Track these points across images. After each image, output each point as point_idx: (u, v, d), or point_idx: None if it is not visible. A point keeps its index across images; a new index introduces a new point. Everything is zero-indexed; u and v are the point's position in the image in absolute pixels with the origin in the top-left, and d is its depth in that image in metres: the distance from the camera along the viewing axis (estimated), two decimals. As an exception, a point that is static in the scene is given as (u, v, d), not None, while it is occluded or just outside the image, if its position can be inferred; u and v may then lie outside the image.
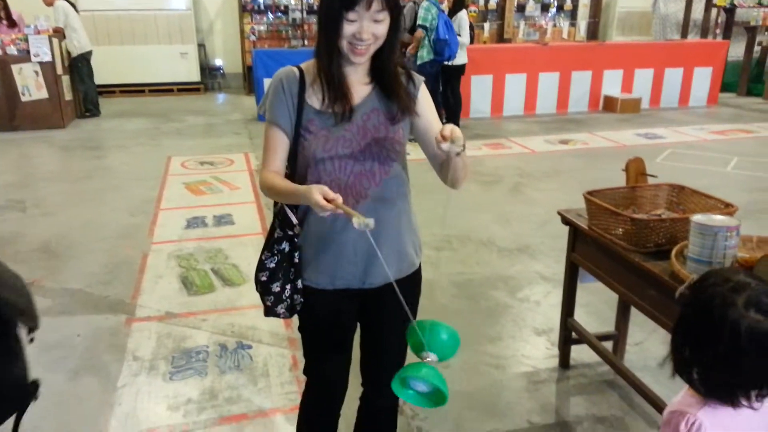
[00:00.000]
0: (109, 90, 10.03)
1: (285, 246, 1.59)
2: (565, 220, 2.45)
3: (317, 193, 1.34)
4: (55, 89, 7.70)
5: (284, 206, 1.58)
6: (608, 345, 2.70)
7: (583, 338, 2.55)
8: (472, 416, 2.37)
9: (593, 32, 12.20)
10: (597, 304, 3.17)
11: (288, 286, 1.60)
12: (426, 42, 6.91)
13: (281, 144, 1.55)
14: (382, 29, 1.46)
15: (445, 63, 7.11)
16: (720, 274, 1.17)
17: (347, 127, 1.52)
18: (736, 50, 10.52)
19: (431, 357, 1.37)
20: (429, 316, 1.59)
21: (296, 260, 1.60)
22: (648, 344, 2.89)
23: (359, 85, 1.56)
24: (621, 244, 2.09)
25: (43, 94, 7.64)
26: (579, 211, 2.44)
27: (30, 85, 7.58)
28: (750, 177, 5.71)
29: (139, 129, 7.89)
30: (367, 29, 1.43)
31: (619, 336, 2.69)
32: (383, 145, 1.55)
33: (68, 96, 8.16)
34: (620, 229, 2.10)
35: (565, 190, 5.28)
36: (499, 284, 3.48)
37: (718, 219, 1.75)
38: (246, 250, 3.97)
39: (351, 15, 1.42)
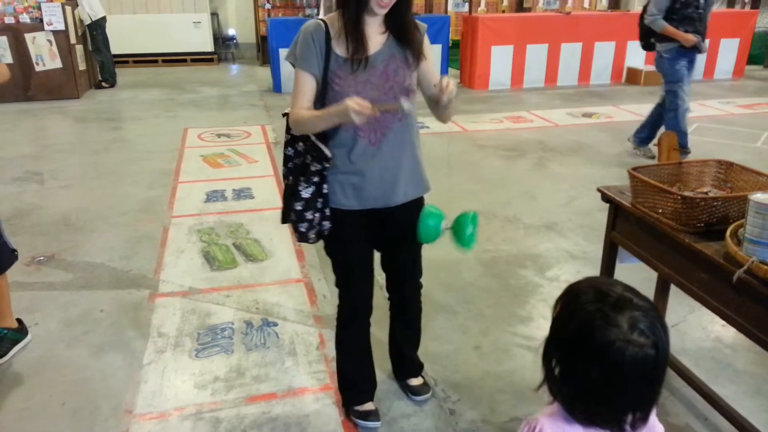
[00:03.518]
0: (123, 60, 9.91)
1: (317, 178, 1.82)
2: (606, 198, 2.34)
3: (351, 101, 1.58)
4: (69, 59, 7.61)
5: (315, 142, 1.80)
6: (644, 326, 2.62)
7: (620, 320, 2.47)
8: (505, 399, 2.31)
9: (615, 1, 11.87)
10: (630, 283, 3.08)
11: (317, 215, 1.85)
12: None
13: (310, 86, 1.78)
14: None
15: None
16: (597, 288, 1.02)
17: (371, 72, 1.75)
18: (764, 20, 10.20)
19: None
20: (456, 294, 1.77)
21: (325, 191, 1.84)
22: (684, 326, 2.81)
23: (376, 35, 1.77)
24: (669, 224, 1.99)
25: (57, 63, 7.56)
26: (620, 188, 2.33)
27: (44, 54, 7.49)
28: (781, 152, 5.54)
29: (154, 100, 7.81)
30: None
31: (656, 317, 2.60)
32: (403, 86, 1.80)
33: (82, 66, 8.07)
34: (668, 208, 2.00)
35: (590, 165, 5.15)
36: (527, 262, 3.39)
37: (780, 199, 1.64)
38: (267, 225, 3.90)
39: None
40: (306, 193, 1.81)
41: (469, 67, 8.60)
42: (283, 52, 7.90)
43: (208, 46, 10.67)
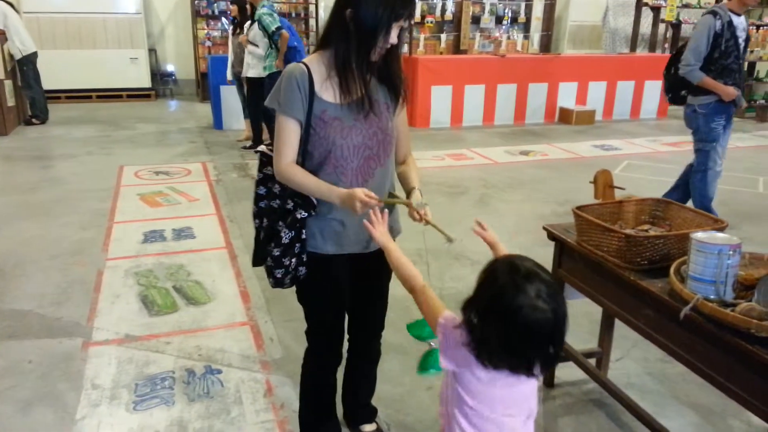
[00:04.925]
0: (55, 95, 9.54)
1: (299, 224, 1.78)
2: (552, 236, 2.39)
3: (362, 193, 1.62)
4: (-4, 94, 7.27)
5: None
6: (591, 362, 2.66)
7: (570, 356, 2.50)
8: (460, 441, 2.27)
9: (546, 45, 12.43)
10: (573, 318, 3.13)
11: (294, 260, 1.81)
12: (272, 51, 6.33)
13: (296, 134, 1.75)
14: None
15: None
16: (511, 263, 1.26)
17: (356, 116, 1.74)
18: (683, 64, 10.88)
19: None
20: (407, 333, 1.76)
21: (303, 236, 1.80)
22: (627, 361, 2.86)
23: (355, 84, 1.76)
24: (613, 261, 2.04)
25: (-17, 99, 7.21)
26: (565, 226, 2.39)
27: (-32, 89, 7.13)
28: (705, 188, 5.84)
29: (88, 137, 7.53)
30: (395, 34, 1.68)
31: (602, 353, 2.65)
32: (385, 131, 1.81)
33: (11, 102, 7.72)
34: (612, 246, 2.05)
35: (530, 202, 5.28)
36: (475, 299, 3.40)
37: (719, 237, 1.71)
38: (209, 265, 3.78)
39: (395, 25, 1.65)
40: (286, 238, 1.77)
41: (409, 106, 8.73)
42: (224, 89, 7.83)
43: (145, 81, 10.44)
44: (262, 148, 1.91)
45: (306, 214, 1.77)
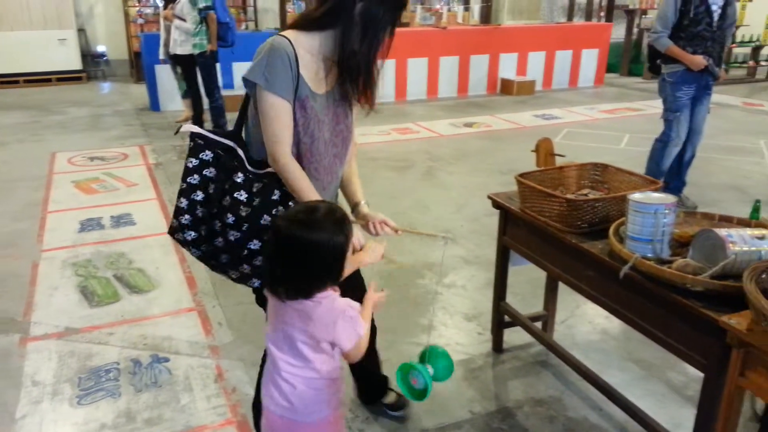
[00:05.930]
0: (-24, 81, 9.01)
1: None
2: (496, 204, 2.41)
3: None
4: None
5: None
6: (537, 326, 2.72)
7: (517, 321, 2.55)
8: (415, 412, 2.29)
9: (486, 16, 12.48)
10: (519, 284, 3.19)
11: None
12: (203, 28, 6.00)
13: (290, 116, 1.60)
14: None
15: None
16: (302, 204, 1.50)
17: (326, 111, 1.65)
18: (617, 32, 11.14)
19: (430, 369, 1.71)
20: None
21: None
22: (572, 322, 2.95)
23: (333, 75, 1.66)
24: (555, 226, 2.07)
25: None
26: (509, 194, 2.41)
27: None
28: (642, 153, 5.99)
29: (16, 123, 7.15)
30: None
31: (548, 316, 2.72)
32: (350, 128, 1.76)
33: (-74, 89, 7.23)
34: (554, 211, 2.08)
35: (475, 173, 5.33)
36: (424, 271, 3.43)
37: (655, 197, 1.76)
38: (151, 252, 3.66)
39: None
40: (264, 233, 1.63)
41: (353, 80, 8.65)
42: (159, 69, 7.54)
43: (75, 63, 9.97)
44: (195, 128, 1.70)
45: (285, 200, 1.65)
